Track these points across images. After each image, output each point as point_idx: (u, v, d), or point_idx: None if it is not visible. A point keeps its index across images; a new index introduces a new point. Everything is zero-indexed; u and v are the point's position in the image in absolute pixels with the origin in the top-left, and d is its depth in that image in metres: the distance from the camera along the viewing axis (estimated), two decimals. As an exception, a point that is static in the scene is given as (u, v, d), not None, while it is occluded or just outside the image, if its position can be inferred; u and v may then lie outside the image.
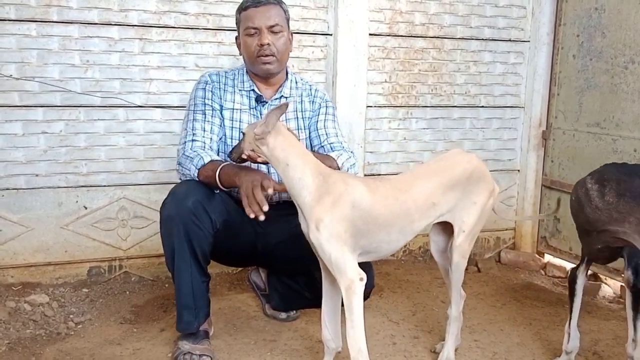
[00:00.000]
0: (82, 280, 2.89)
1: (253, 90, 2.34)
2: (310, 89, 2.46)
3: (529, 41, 3.50)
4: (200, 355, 2.10)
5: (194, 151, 2.15)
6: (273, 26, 2.23)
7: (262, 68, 2.27)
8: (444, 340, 2.32)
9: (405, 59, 3.30)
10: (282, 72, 2.38)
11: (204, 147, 2.20)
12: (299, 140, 1.90)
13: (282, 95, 2.37)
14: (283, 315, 2.56)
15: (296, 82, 2.43)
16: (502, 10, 3.43)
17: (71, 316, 2.55)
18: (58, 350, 2.25)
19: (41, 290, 2.75)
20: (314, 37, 3.11)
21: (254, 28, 2.22)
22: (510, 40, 3.48)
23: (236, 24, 2.33)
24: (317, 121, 2.41)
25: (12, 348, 2.26)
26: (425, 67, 3.35)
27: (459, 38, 3.38)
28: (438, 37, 3.34)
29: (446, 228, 2.10)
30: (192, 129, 2.23)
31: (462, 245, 2.01)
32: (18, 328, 2.41)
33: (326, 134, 2.39)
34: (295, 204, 1.88)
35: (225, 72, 2.39)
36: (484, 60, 3.45)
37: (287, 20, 2.31)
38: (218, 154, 2.27)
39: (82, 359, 2.19)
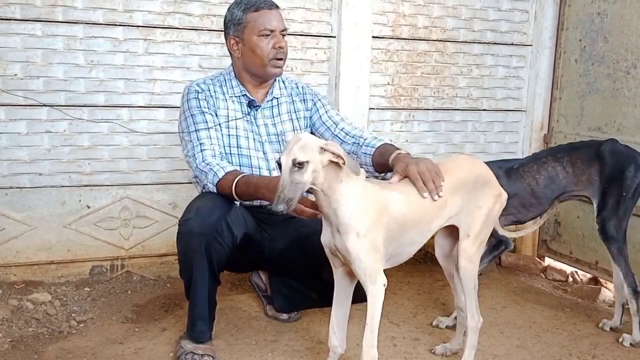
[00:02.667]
0: (84, 279, 2.90)
1: (245, 95, 2.29)
2: (297, 87, 2.43)
3: (531, 45, 3.51)
4: (202, 355, 2.10)
5: (207, 164, 2.10)
6: (284, 30, 2.24)
7: (274, 72, 2.24)
8: (444, 342, 2.33)
9: (408, 61, 3.31)
10: None
11: (214, 154, 2.15)
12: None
13: (273, 97, 2.34)
14: (284, 316, 2.56)
15: (283, 82, 2.40)
16: (505, 14, 3.44)
17: (73, 315, 2.56)
18: (60, 349, 2.26)
19: (44, 289, 2.76)
20: (317, 39, 3.12)
21: (272, 30, 2.19)
22: (512, 44, 3.49)
23: (236, 24, 2.21)
24: (320, 116, 2.40)
25: (15, 346, 2.27)
26: (428, 70, 3.36)
27: (462, 41, 3.39)
28: (441, 40, 3.35)
29: (451, 233, 2.09)
30: (198, 139, 2.16)
31: (468, 250, 1.98)
32: (20, 326, 2.42)
33: (334, 122, 2.38)
34: (326, 214, 1.79)
35: (211, 78, 2.31)
36: (486, 64, 3.47)
37: None
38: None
39: (84, 358, 2.20)
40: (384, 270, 1.85)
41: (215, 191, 2.08)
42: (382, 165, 2.19)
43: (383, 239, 1.81)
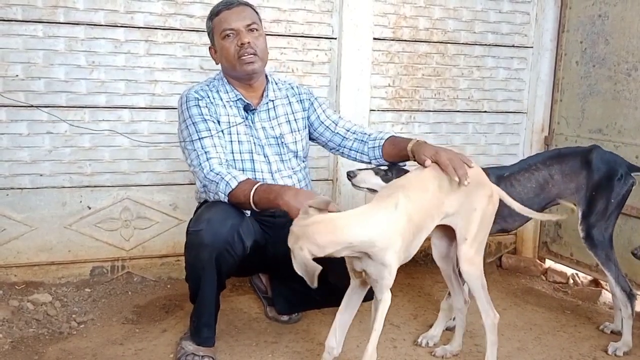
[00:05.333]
0: (84, 280, 2.90)
1: (240, 99, 2.27)
2: (293, 87, 2.42)
3: (532, 47, 3.51)
4: (202, 357, 2.11)
5: (217, 173, 2.07)
6: (250, 24, 2.17)
7: (246, 69, 2.20)
8: (445, 344, 2.34)
9: (408, 63, 3.31)
10: (263, 75, 2.32)
11: (221, 162, 2.12)
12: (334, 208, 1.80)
13: (269, 100, 2.32)
14: (285, 317, 2.56)
15: (276, 83, 2.38)
16: (506, 16, 3.44)
17: (74, 316, 2.57)
18: (60, 350, 2.26)
19: (44, 290, 2.77)
20: (319, 41, 3.12)
21: (231, 29, 2.16)
22: (513, 46, 3.49)
23: (209, 33, 2.26)
24: (318, 116, 2.40)
25: (15, 347, 2.27)
26: (429, 72, 3.36)
27: (463, 43, 3.39)
28: (442, 42, 3.35)
29: (447, 233, 2.10)
30: (203, 147, 2.13)
31: (467, 253, 1.99)
32: (21, 327, 2.42)
33: (333, 122, 2.40)
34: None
35: (207, 84, 2.28)
36: (487, 66, 3.47)
37: (261, 21, 2.27)
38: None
39: (85, 359, 2.20)
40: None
41: (226, 200, 2.05)
42: (395, 155, 2.26)
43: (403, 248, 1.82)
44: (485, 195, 2.03)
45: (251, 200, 1.99)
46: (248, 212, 2.14)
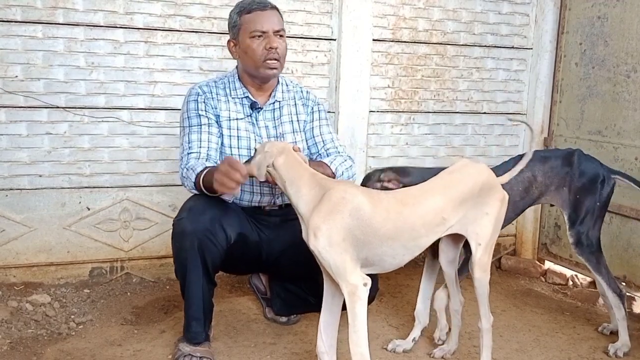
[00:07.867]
0: (83, 281, 2.90)
1: (247, 97, 2.31)
2: (302, 92, 2.45)
3: (531, 48, 3.52)
4: (200, 358, 2.11)
5: (188, 169, 2.12)
6: (279, 30, 2.23)
7: (268, 73, 2.24)
8: (442, 344, 2.34)
9: (408, 64, 3.31)
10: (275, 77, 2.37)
11: (199, 157, 2.17)
12: (304, 161, 1.92)
13: (276, 100, 2.35)
14: (283, 318, 2.56)
15: (287, 85, 2.42)
16: (505, 17, 3.44)
17: (72, 316, 2.57)
18: (59, 350, 2.26)
19: (43, 290, 2.77)
20: (318, 42, 3.13)
21: (262, 31, 2.20)
22: (513, 48, 3.49)
23: (233, 26, 2.26)
24: (313, 127, 2.42)
25: (14, 347, 2.27)
26: (428, 73, 3.36)
27: (462, 44, 3.40)
28: (441, 44, 3.35)
29: (455, 238, 2.08)
30: (188, 142, 2.20)
31: (482, 259, 1.97)
32: (20, 328, 2.42)
33: (323, 140, 2.42)
34: (297, 214, 1.88)
35: (215, 81, 2.34)
36: (486, 67, 3.47)
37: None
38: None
39: (83, 359, 2.20)
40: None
41: (197, 192, 2.12)
42: None
43: (345, 240, 1.76)
44: (497, 199, 1.99)
45: (202, 188, 2.05)
46: (230, 200, 2.20)
